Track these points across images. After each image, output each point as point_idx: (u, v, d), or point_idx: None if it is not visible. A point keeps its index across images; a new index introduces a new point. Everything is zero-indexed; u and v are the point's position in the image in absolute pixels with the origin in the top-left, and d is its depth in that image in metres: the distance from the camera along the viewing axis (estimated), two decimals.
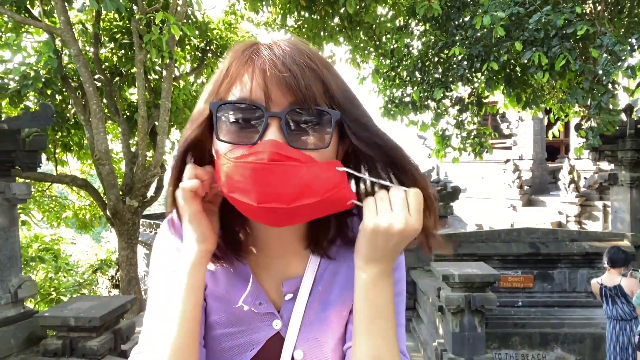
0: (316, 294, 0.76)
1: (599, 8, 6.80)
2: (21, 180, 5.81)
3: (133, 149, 6.87)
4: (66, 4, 6.00)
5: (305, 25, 6.95)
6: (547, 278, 5.95)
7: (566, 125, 10.55)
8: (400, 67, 8.02)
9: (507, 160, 13.34)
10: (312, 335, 0.75)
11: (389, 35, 7.71)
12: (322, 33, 7.02)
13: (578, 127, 6.57)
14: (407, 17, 7.39)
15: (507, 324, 5.57)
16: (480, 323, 4.47)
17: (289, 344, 0.74)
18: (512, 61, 6.63)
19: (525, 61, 5.75)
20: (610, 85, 5.96)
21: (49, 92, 6.56)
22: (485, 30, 6.08)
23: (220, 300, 0.75)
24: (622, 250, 4.36)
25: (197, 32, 7.01)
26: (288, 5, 6.65)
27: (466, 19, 6.87)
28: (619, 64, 5.70)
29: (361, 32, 7.31)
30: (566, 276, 5.91)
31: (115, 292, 10.20)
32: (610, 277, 4.22)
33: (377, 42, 7.60)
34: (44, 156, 6.14)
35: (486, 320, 5.10)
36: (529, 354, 5.36)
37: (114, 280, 10.59)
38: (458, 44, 6.35)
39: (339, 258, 0.76)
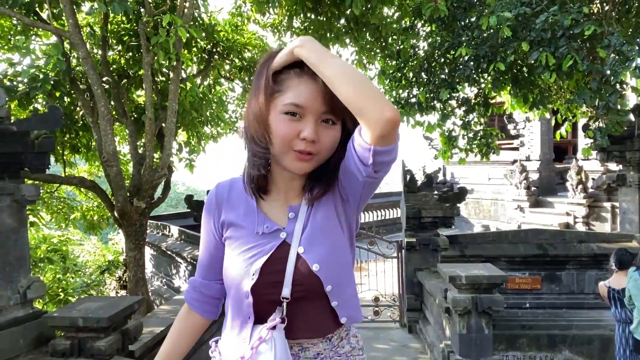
0: (310, 212, 1.08)
1: (606, 8, 6.75)
2: (30, 181, 5.86)
3: (140, 151, 6.91)
4: (75, 7, 6.05)
5: (312, 27, 6.96)
6: (554, 279, 5.91)
7: (574, 126, 10.47)
8: (407, 68, 8.02)
9: (514, 161, 13.27)
10: (309, 235, 1.05)
11: (395, 36, 7.70)
12: (328, 34, 7.02)
13: (586, 127, 6.53)
14: (413, 18, 7.39)
15: (514, 325, 5.54)
16: (487, 325, 4.45)
17: (294, 244, 1.04)
18: (519, 61, 6.60)
19: (532, 61, 5.72)
20: (618, 86, 5.92)
21: (57, 94, 6.61)
22: (491, 30, 6.06)
23: (241, 228, 1.09)
24: (629, 252, 4.33)
25: (203, 34, 7.04)
26: (294, 7, 6.66)
27: (472, 19, 6.85)
28: (627, 64, 5.66)
29: (367, 34, 7.30)
30: (574, 278, 5.87)
31: (123, 293, 10.25)
32: (618, 280, 4.19)
33: (384, 43, 7.59)
34: (52, 158, 6.18)
35: (493, 321, 5.08)
36: (537, 356, 5.33)
37: (122, 281, 10.64)
38: (464, 44, 6.33)
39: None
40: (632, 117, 6.31)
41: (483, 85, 7.66)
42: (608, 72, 5.45)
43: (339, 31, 7.17)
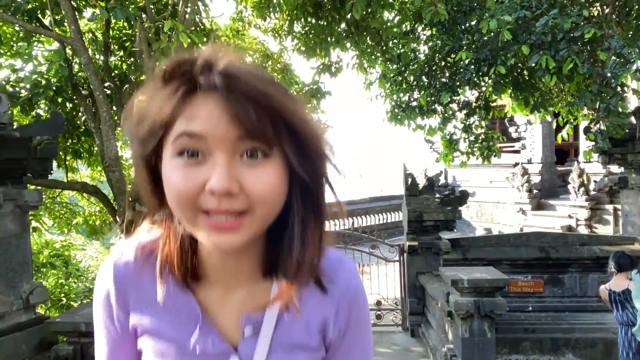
0: (282, 328, 0.68)
1: (606, 11, 6.77)
2: (32, 187, 5.88)
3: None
4: (77, 14, 6.09)
5: (312, 31, 6.99)
6: (557, 282, 5.90)
7: (575, 129, 10.47)
8: (407, 72, 8.04)
9: (516, 164, 13.27)
10: None
11: (395, 40, 7.73)
12: (329, 39, 7.06)
13: (587, 130, 6.53)
14: (414, 22, 7.42)
15: (517, 329, 5.52)
16: (490, 328, 4.44)
17: None
18: (520, 65, 6.62)
19: (533, 65, 5.74)
20: (619, 88, 5.93)
21: (59, 100, 6.65)
22: (492, 34, 6.08)
23: (163, 341, 0.67)
24: (627, 254, 4.32)
25: (204, 40, 7.08)
26: (295, 12, 6.69)
27: (473, 23, 6.88)
28: (628, 66, 5.67)
29: (368, 38, 7.33)
30: (577, 281, 5.86)
31: None
32: (618, 282, 4.18)
33: (384, 47, 7.62)
34: (54, 163, 6.21)
35: (496, 325, 5.07)
36: None
37: None
38: (465, 48, 6.36)
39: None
40: (633, 119, 6.31)
41: (484, 89, 7.68)
42: (609, 74, 5.47)
43: (339, 35, 7.21)
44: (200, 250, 0.66)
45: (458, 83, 7.14)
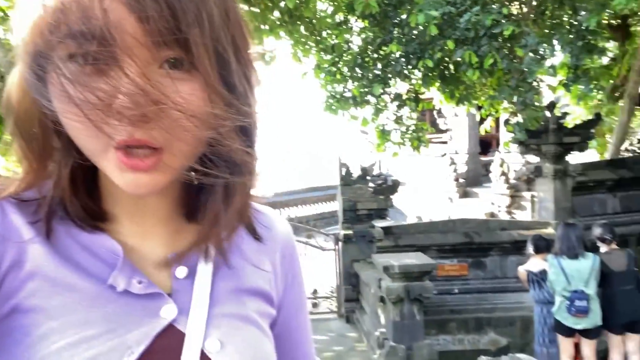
0: (222, 273, 0.57)
1: (524, 9, 7.23)
2: None
3: None
4: None
5: (245, 19, 6.86)
6: (480, 265, 6.27)
7: (497, 121, 11.14)
8: (341, 63, 8.12)
9: (444, 155, 13.90)
10: (230, 319, 0.55)
11: (329, 31, 7.77)
12: (262, 27, 6.95)
13: (506, 122, 6.96)
14: (347, 13, 7.49)
15: (444, 310, 5.82)
16: (418, 311, 4.65)
17: (195, 334, 0.51)
18: (446, 59, 6.90)
19: (458, 59, 6.02)
20: (535, 83, 6.37)
21: None
22: (420, 28, 6.29)
23: (65, 286, 0.49)
24: (543, 237, 4.69)
25: None
26: None
27: (403, 16, 7.07)
28: (542, 62, 6.10)
29: (302, 27, 7.31)
30: (497, 263, 6.26)
31: None
32: (534, 263, 4.52)
33: (318, 37, 7.63)
34: None
35: (425, 308, 5.31)
36: (465, 339, 5.63)
37: None
38: (395, 41, 6.52)
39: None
40: (547, 113, 6.80)
41: (414, 81, 7.94)
42: (525, 70, 5.84)
43: (273, 24, 7.12)
44: (105, 187, 0.53)
45: (389, 75, 7.33)
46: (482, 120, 9.98)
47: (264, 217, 0.64)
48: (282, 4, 6.65)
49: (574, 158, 7.41)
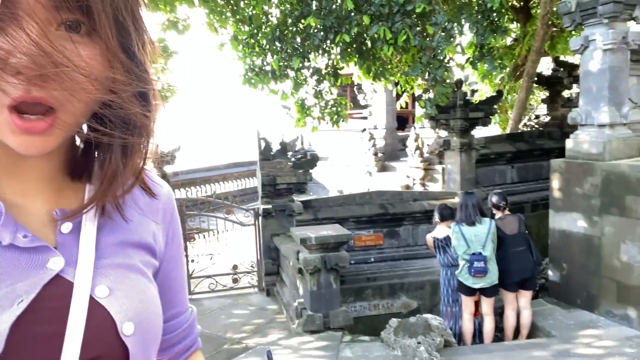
0: (108, 228, 0.60)
1: None
2: None
3: None
4: None
5: None
6: (394, 235, 6.59)
7: (413, 97, 11.59)
8: (260, 35, 7.96)
9: (364, 130, 14.26)
10: (117, 268, 0.58)
11: (246, 1, 7.56)
12: None
13: (419, 98, 7.27)
14: None
15: (361, 279, 6.07)
16: (335, 280, 4.81)
17: (83, 282, 0.54)
18: (363, 34, 7.02)
19: (374, 35, 6.13)
20: (445, 60, 6.68)
21: None
22: (338, 2, 6.31)
23: None
24: (448, 206, 5.03)
25: None
26: None
27: None
28: (451, 40, 6.40)
29: None
30: (410, 232, 6.62)
31: None
32: (440, 230, 4.84)
33: (235, 8, 7.40)
34: None
35: (343, 277, 5.51)
36: (380, 304, 5.94)
37: None
38: (313, 14, 6.50)
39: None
40: (456, 89, 7.19)
41: (333, 56, 7.99)
42: (435, 47, 6.11)
43: None
44: None
45: (308, 49, 7.31)
46: (399, 96, 10.34)
47: (152, 175, 0.69)
48: None
49: (479, 132, 7.96)
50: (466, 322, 4.72)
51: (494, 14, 7.77)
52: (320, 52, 7.49)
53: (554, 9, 7.34)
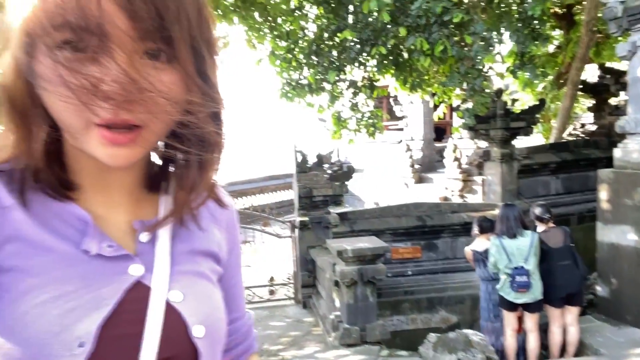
0: (180, 237, 0.65)
1: None
2: None
3: None
4: None
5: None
6: (432, 247, 6.47)
7: (450, 108, 11.43)
8: (297, 50, 8.08)
9: (400, 141, 14.16)
10: (188, 275, 0.63)
11: (284, 17, 7.71)
12: (215, 11, 6.82)
13: (456, 108, 7.16)
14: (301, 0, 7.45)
15: (398, 292, 5.98)
16: (372, 293, 4.75)
17: (160, 287, 0.59)
18: (399, 46, 7.00)
19: (410, 46, 6.11)
20: (484, 70, 6.56)
21: None
22: (373, 14, 6.34)
23: (40, 248, 0.54)
24: (487, 218, 4.90)
25: None
26: None
27: (357, 3, 7.10)
28: (490, 49, 6.29)
29: (256, 13, 7.21)
30: (448, 245, 6.48)
31: None
32: (480, 243, 4.72)
33: (273, 24, 7.56)
34: None
35: (380, 290, 5.45)
36: (418, 318, 5.82)
37: None
38: (349, 28, 6.55)
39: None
40: (496, 99, 7.04)
41: (369, 68, 8.01)
42: (474, 57, 6.01)
43: (226, 9, 7.00)
44: (72, 159, 0.58)
45: (344, 62, 7.36)
46: (436, 107, 10.21)
47: (222, 189, 0.74)
48: None
49: (521, 142, 7.75)
50: (509, 338, 4.55)
51: (535, 22, 7.59)
52: (356, 64, 7.52)
53: (599, 15, 7.10)
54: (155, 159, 0.67)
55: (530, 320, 4.51)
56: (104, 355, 0.52)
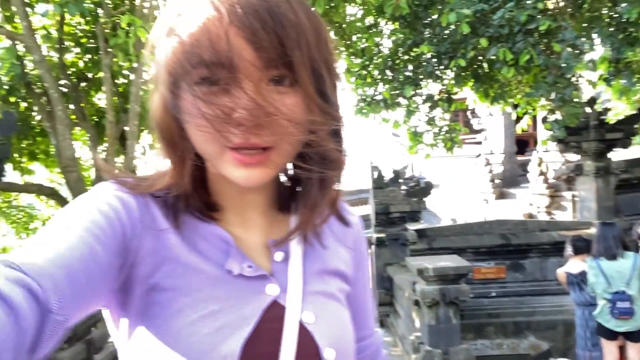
0: (311, 256, 0.68)
1: (561, 4, 7.00)
2: None
3: (102, 156, 6.74)
4: (28, 10, 5.85)
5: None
6: (518, 268, 6.10)
7: (534, 119, 10.82)
8: (372, 66, 8.11)
9: (479, 155, 13.62)
10: (318, 296, 0.65)
11: (359, 35, 7.77)
12: None
13: (544, 120, 6.76)
14: (376, 16, 7.48)
15: (481, 314, 5.69)
16: (455, 314, 4.56)
17: (294, 308, 0.61)
18: (479, 57, 6.77)
19: (491, 57, 5.88)
20: (573, 78, 6.15)
21: (12, 99, 6.38)
22: (451, 27, 6.19)
23: (192, 269, 0.59)
24: (583, 238, 4.52)
25: None
26: None
27: (434, 17, 6.99)
28: (580, 57, 5.90)
29: (331, 32, 7.34)
30: (537, 265, 6.07)
31: None
32: (574, 265, 4.36)
33: (348, 42, 7.65)
34: (10, 165, 5.97)
35: (461, 311, 5.21)
36: (504, 343, 5.48)
37: None
38: (426, 41, 6.45)
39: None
40: (587, 108, 6.57)
41: (446, 82, 7.82)
42: (563, 65, 5.66)
43: None
44: (214, 184, 0.64)
45: (421, 76, 7.26)
46: (519, 118, 9.71)
47: (345, 206, 0.75)
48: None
49: (617, 155, 7.13)
50: None
51: (630, 26, 7.01)
52: (432, 78, 7.38)
53: None
54: (285, 180, 0.70)
55: (635, 351, 4.07)
56: None
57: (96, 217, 0.54)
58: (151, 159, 0.63)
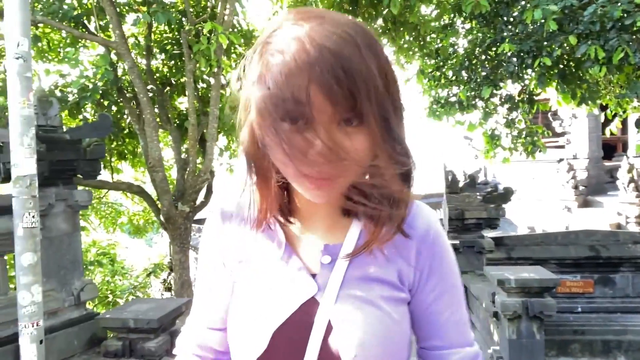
0: (358, 261, 0.74)
1: None
2: (82, 187, 6.11)
3: (184, 156, 7.08)
4: (120, 19, 6.28)
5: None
6: (608, 282, 5.63)
7: (623, 122, 9.99)
8: (446, 67, 7.89)
9: (561, 160, 12.80)
10: (353, 299, 0.72)
11: (434, 35, 7.59)
12: None
13: (637, 123, 6.21)
14: (453, 15, 7.25)
15: (565, 330, 5.31)
16: (539, 330, 4.30)
17: (326, 306, 0.71)
18: (566, 56, 6.36)
19: (580, 56, 5.50)
20: None
21: (105, 103, 6.88)
22: (536, 24, 5.86)
23: (256, 266, 0.77)
24: None
25: (242, 40, 7.16)
26: (332, 9, 6.66)
27: (515, 14, 6.66)
28: None
29: (405, 33, 7.22)
30: (629, 280, 5.57)
31: (167, 294, 10.53)
32: None
33: (422, 42, 7.50)
34: (101, 164, 6.44)
35: (544, 327, 4.89)
36: None
37: (166, 284, 10.94)
38: (507, 40, 6.16)
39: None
40: None
41: (527, 82, 7.42)
42: None
43: (376, 32, 7.13)
44: (292, 193, 0.75)
45: (500, 76, 6.94)
46: (607, 121, 9.01)
47: (411, 218, 0.78)
48: (385, 11, 6.63)
49: None
50: None
51: None
52: (513, 78, 7.03)
53: None
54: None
55: None
56: (273, 354, 0.70)
57: (211, 275, 0.84)
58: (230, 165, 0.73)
